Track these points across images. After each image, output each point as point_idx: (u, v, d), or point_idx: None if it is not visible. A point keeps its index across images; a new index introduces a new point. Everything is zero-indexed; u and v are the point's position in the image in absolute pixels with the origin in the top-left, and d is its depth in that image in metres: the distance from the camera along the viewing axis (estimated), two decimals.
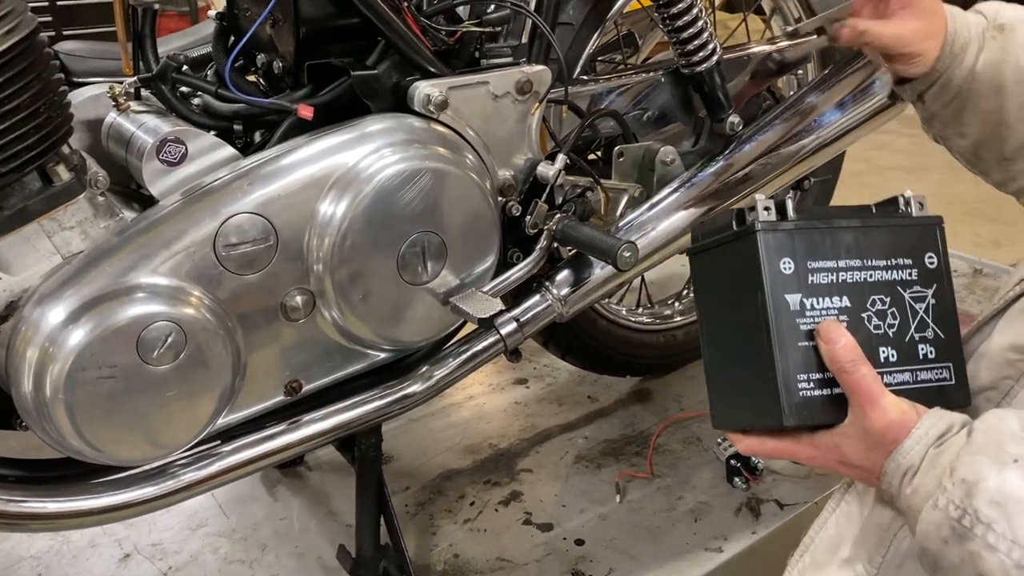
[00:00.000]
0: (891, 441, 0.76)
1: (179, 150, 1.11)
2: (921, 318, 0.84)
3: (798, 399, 0.80)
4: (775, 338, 0.79)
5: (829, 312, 0.81)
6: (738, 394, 0.87)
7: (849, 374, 0.77)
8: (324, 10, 1.21)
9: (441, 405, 2.03)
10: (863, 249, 0.83)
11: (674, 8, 1.47)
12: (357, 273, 1.18)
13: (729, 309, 0.87)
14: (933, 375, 0.84)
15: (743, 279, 0.82)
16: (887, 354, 0.82)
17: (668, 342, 1.96)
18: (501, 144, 1.31)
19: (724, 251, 0.87)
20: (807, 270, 0.81)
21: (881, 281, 0.83)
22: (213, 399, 1.11)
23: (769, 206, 0.82)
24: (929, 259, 0.85)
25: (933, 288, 0.85)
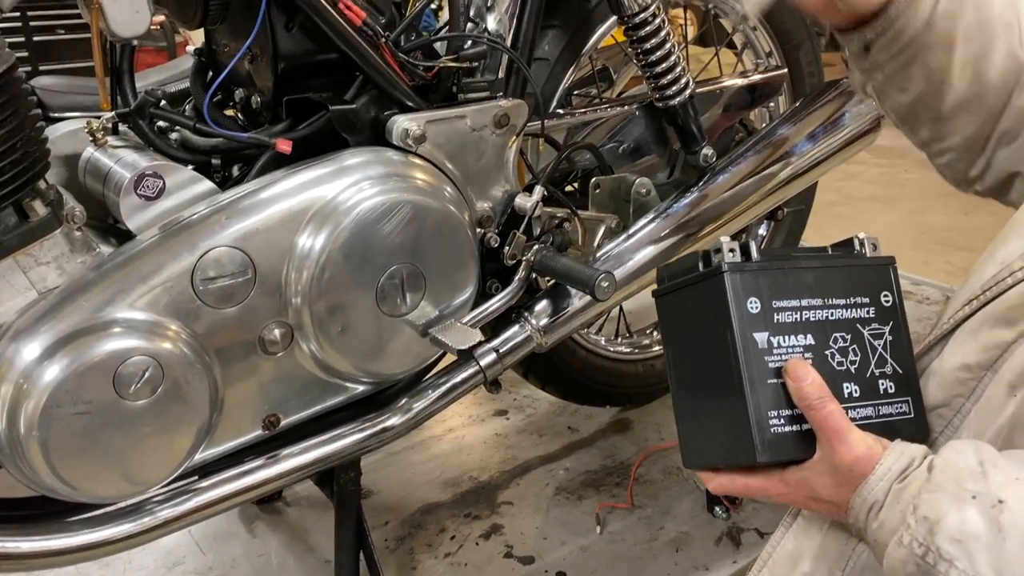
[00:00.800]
0: (858, 476, 0.78)
1: (157, 184, 1.11)
2: (880, 354, 0.87)
3: (770, 435, 0.81)
4: (746, 376, 0.81)
5: (795, 350, 0.83)
6: (709, 432, 0.88)
7: (817, 411, 0.79)
8: (303, 46, 1.22)
9: (421, 438, 2.02)
10: (824, 288, 0.86)
11: (647, 44, 1.49)
12: (336, 306, 1.18)
13: (698, 349, 0.89)
14: (894, 409, 0.86)
15: (711, 319, 0.84)
16: (850, 390, 0.84)
17: (647, 371, 1.97)
18: (479, 176, 1.33)
19: (691, 292, 0.88)
20: (772, 309, 0.83)
21: (842, 319, 0.86)
22: (190, 434, 1.10)
23: (734, 247, 0.84)
24: (885, 297, 0.88)
25: (890, 325, 0.88)
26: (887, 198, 3.84)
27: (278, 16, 1.19)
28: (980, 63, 0.91)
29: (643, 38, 1.49)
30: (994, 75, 0.91)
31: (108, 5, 1.07)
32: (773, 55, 1.84)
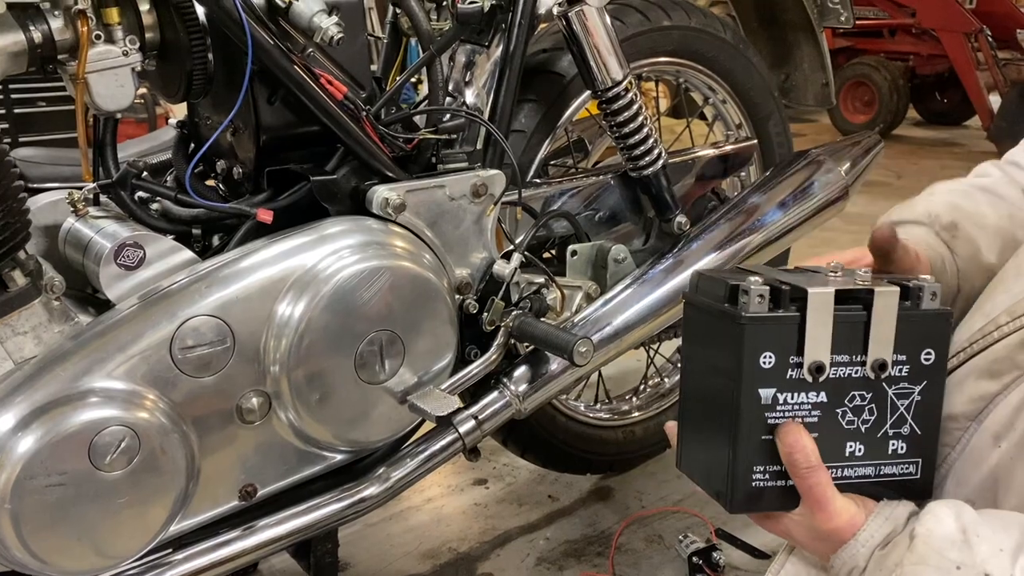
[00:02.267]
0: (838, 541, 0.78)
1: (137, 254, 1.12)
2: (901, 414, 0.82)
3: (749, 489, 0.80)
4: (740, 430, 0.79)
5: (802, 407, 0.80)
6: (700, 453, 0.88)
7: (803, 479, 0.78)
8: (285, 119, 1.25)
9: (399, 508, 1.99)
10: (854, 343, 0.79)
11: (620, 116, 1.54)
12: (314, 373, 1.18)
13: (708, 372, 0.86)
14: (898, 470, 0.83)
15: (723, 358, 0.81)
16: (853, 448, 0.82)
17: (627, 438, 1.96)
18: (458, 244, 1.35)
19: (711, 319, 0.84)
20: (788, 364, 0.78)
21: (865, 378, 0.80)
22: (166, 505, 1.09)
23: (763, 293, 0.78)
24: (926, 355, 0.82)
25: (922, 384, 0.82)
26: None
27: (261, 90, 1.22)
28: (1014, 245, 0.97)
29: (616, 111, 1.54)
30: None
31: (94, 80, 1.10)
32: (743, 126, 1.90)
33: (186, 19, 1.16)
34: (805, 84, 2.04)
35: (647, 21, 1.67)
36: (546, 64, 1.60)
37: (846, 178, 1.72)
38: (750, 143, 1.89)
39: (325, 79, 1.22)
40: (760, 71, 1.88)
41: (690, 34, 1.74)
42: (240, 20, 1.12)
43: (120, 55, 1.11)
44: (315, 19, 1.17)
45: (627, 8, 1.67)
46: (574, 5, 1.43)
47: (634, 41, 1.64)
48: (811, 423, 0.80)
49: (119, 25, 1.11)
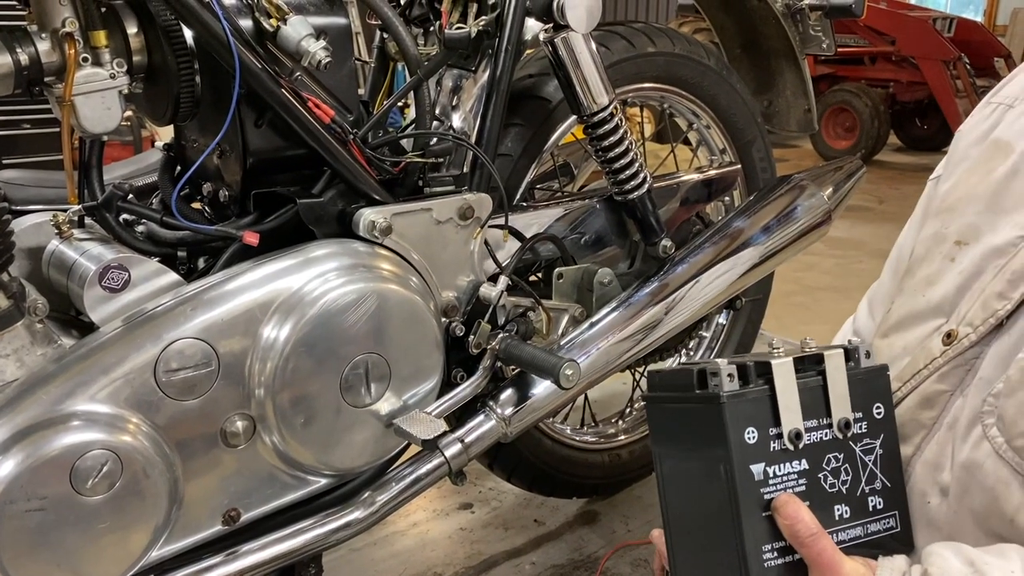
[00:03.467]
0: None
1: (122, 277, 1.11)
2: (871, 470, 0.86)
3: (762, 570, 0.80)
4: (743, 512, 0.79)
5: (789, 477, 0.81)
6: (701, 556, 0.87)
7: (809, 548, 0.79)
8: (272, 142, 1.25)
9: (383, 533, 1.97)
10: (818, 407, 0.83)
11: (606, 141, 1.55)
12: (299, 397, 1.17)
13: (691, 468, 0.86)
14: (881, 526, 0.85)
15: (706, 444, 0.82)
16: (841, 511, 0.83)
17: (613, 461, 1.96)
18: (444, 267, 1.35)
19: (685, 411, 0.86)
20: (769, 437, 0.81)
21: (836, 439, 0.84)
22: (148, 530, 1.07)
23: (733, 373, 0.81)
24: (877, 409, 0.86)
25: (881, 438, 0.86)
26: (843, 288, 3.94)
27: (248, 113, 1.22)
28: None
29: (602, 136, 1.55)
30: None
31: (80, 102, 1.09)
32: (727, 151, 1.92)
33: (174, 42, 1.16)
34: (788, 110, 2.06)
35: (632, 47, 1.69)
36: (532, 89, 1.61)
37: (829, 203, 1.74)
38: (734, 168, 1.91)
39: (312, 102, 1.22)
40: (743, 97, 1.90)
41: (674, 60, 1.76)
42: (228, 43, 1.12)
43: (107, 78, 1.11)
44: (303, 43, 1.17)
45: (612, 35, 1.69)
46: (560, 31, 1.45)
47: (619, 67, 1.66)
48: (800, 492, 0.82)
49: (106, 48, 1.11)
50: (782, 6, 1.88)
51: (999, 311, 0.82)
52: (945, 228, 0.94)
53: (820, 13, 1.89)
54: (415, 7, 1.56)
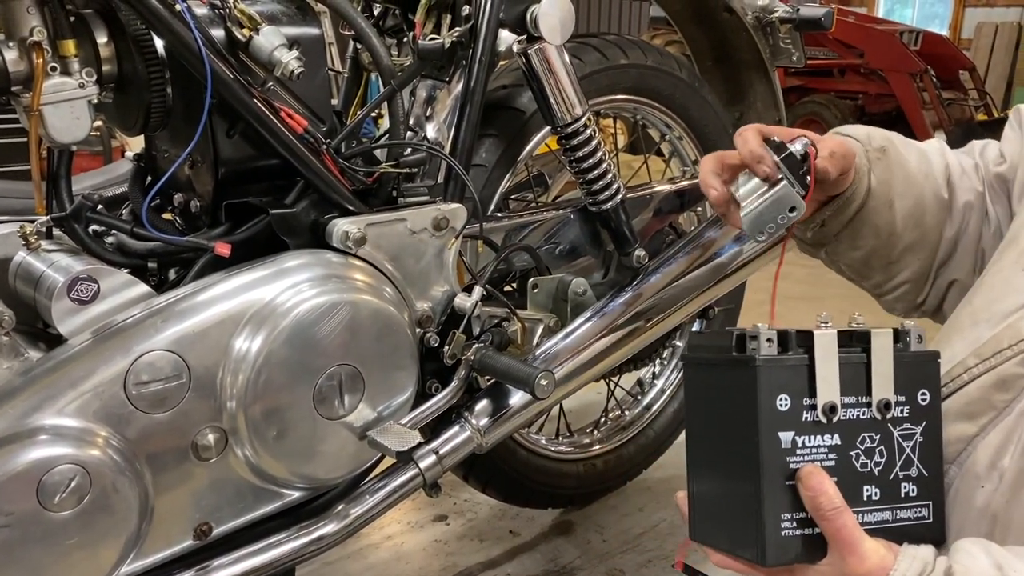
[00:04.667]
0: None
1: (91, 288, 1.10)
2: (908, 456, 0.83)
3: (780, 539, 0.78)
4: (765, 477, 0.78)
5: (819, 450, 0.80)
6: (720, 516, 0.86)
7: (830, 522, 0.78)
8: (244, 152, 1.24)
9: (357, 546, 1.96)
10: (859, 384, 0.82)
11: (579, 152, 1.56)
12: (272, 409, 1.16)
13: (720, 430, 0.85)
14: (912, 514, 0.83)
15: (737, 408, 0.81)
16: (870, 492, 0.82)
17: (588, 471, 1.96)
18: (419, 278, 1.35)
19: (720, 372, 0.85)
20: (803, 407, 0.79)
21: (873, 419, 0.82)
22: (117, 546, 1.06)
23: (772, 338, 0.79)
24: (922, 395, 0.84)
25: (923, 425, 0.84)
26: (816, 297, 3.98)
27: (220, 123, 1.21)
28: (917, 211, 1.06)
29: (575, 147, 1.56)
30: (929, 218, 1.06)
31: (48, 112, 1.08)
32: (699, 162, 1.93)
33: (144, 52, 1.15)
34: (758, 121, 2.08)
35: (605, 59, 1.70)
36: (506, 100, 1.62)
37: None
38: None
39: (285, 113, 1.22)
40: (715, 109, 1.92)
41: (647, 72, 1.77)
42: (199, 53, 1.12)
43: (76, 87, 1.10)
44: (275, 53, 1.17)
45: (585, 46, 1.70)
46: (534, 43, 1.46)
47: (593, 78, 1.67)
48: (828, 467, 0.80)
49: (75, 57, 1.10)
50: (753, 19, 1.90)
51: None
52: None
53: (790, 26, 1.92)
54: (388, 18, 1.56)
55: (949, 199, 1.08)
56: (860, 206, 1.04)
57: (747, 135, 0.95)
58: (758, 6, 1.90)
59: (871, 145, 1.06)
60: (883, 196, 1.04)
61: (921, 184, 1.07)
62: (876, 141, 1.07)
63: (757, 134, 0.95)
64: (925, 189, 1.07)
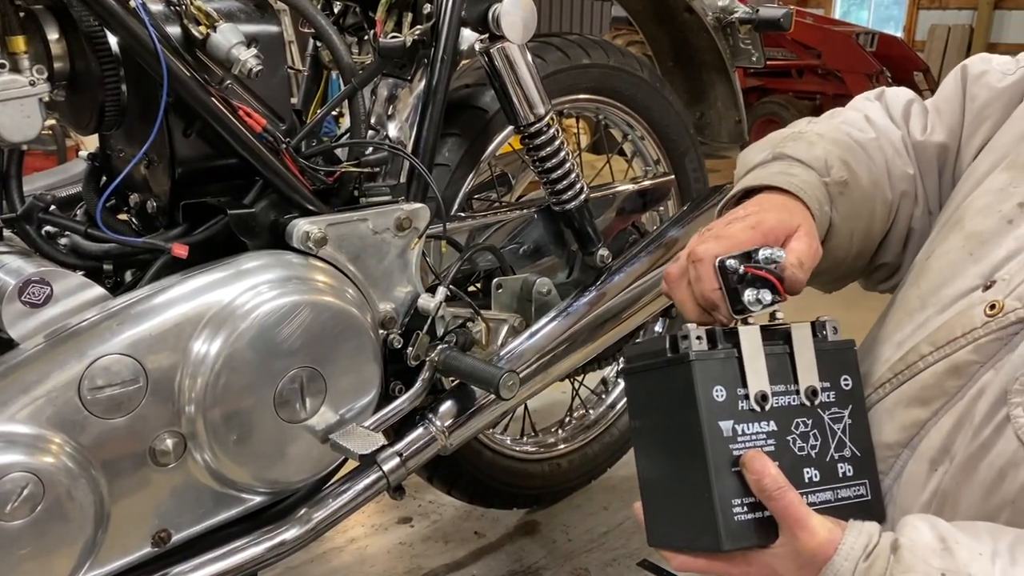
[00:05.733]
0: (821, 559, 0.79)
1: (43, 291, 1.07)
2: (840, 438, 0.88)
3: (733, 524, 0.81)
4: (711, 465, 0.81)
5: (758, 437, 0.83)
6: (674, 515, 0.88)
7: (776, 501, 0.80)
8: (201, 151, 1.22)
9: (321, 550, 1.94)
10: (786, 373, 0.86)
11: (543, 151, 1.56)
12: (232, 413, 1.14)
13: (664, 432, 0.88)
14: (852, 492, 0.87)
15: (678, 405, 0.84)
16: (811, 474, 0.85)
17: (553, 471, 1.96)
18: (381, 278, 1.33)
19: (658, 375, 0.88)
20: (737, 396, 0.84)
21: (804, 405, 0.86)
22: (72, 555, 1.03)
23: (701, 335, 0.84)
24: (845, 381, 0.89)
25: (849, 408, 0.89)
26: None
27: (176, 122, 1.19)
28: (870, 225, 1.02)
29: (538, 146, 1.55)
30: (878, 225, 1.03)
31: None
32: (661, 162, 1.95)
33: (98, 49, 1.13)
34: (719, 122, 2.10)
35: (567, 59, 1.71)
36: (469, 99, 1.61)
37: None
38: (668, 178, 1.94)
39: (243, 111, 1.20)
40: (676, 109, 1.93)
41: (609, 72, 1.78)
42: (155, 51, 1.09)
43: (26, 85, 1.07)
44: (233, 51, 1.15)
45: (548, 46, 1.70)
46: (496, 42, 1.45)
47: (555, 78, 1.67)
48: (769, 452, 0.83)
49: (25, 54, 1.08)
50: (713, 19, 1.92)
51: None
52: (1014, 187, 0.89)
53: (750, 26, 1.94)
54: (349, 15, 1.54)
55: (892, 198, 1.04)
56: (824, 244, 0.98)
57: (702, 272, 0.86)
58: (718, 7, 1.91)
59: (831, 176, 0.98)
60: (845, 231, 0.99)
61: (873, 199, 1.01)
62: (836, 172, 0.98)
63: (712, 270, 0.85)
64: (876, 202, 1.02)
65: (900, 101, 1.08)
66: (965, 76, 1.02)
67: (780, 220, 0.91)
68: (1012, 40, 10.49)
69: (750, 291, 0.84)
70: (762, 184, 0.98)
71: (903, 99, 1.08)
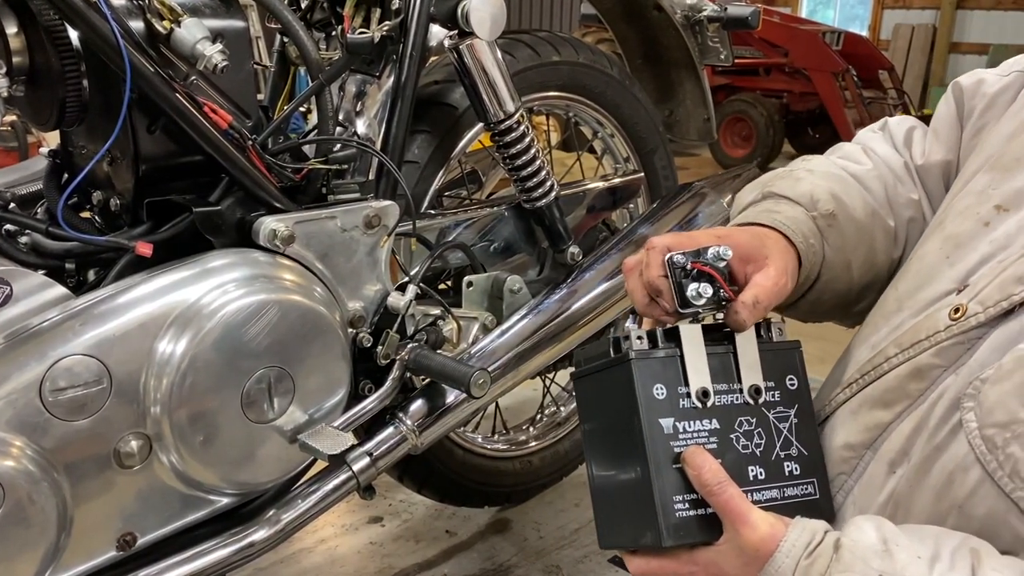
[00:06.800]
0: (764, 555, 0.79)
1: (2, 291, 1.05)
2: (786, 437, 0.88)
3: (675, 520, 0.82)
4: (651, 462, 0.82)
5: (700, 434, 0.84)
6: (620, 515, 0.88)
7: (717, 496, 0.80)
8: (166, 148, 1.20)
9: (291, 551, 1.92)
10: (729, 372, 0.87)
11: (513, 149, 1.55)
12: (198, 413, 1.13)
13: (610, 432, 0.89)
14: (799, 491, 0.87)
15: (621, 404, 0.85)
16: (755, 472, 0.85)
17: (525, 468, 1.96)
18: (350, 276, 1.32)
19: (603, 377, 0.89)
20: (678, 395, 0.84)
21: (747, 403, 0.86)
22: (34, 560, 1.01)
23: (642, 335, 0.85)
24: (790, 381, 0.89)
25: (795, 408, 0.89)
26: None
27: (140, 118, 1.17)
28: (871, 256, 1.02)
29: (509, 143, 1.55)
30: (881, 256, 1.03)
31: None
32: (630, 160, 1.95)
33: (58, 43, 1.10)
34: (688, 119, 2.11)
35: (537, 56, 1.70)
36: (438, 96, 1.60)
37: (728, 209, 1.78)
38: (637, 176, 1.94)
39: (208, 108, 1.18)
40: (646, 107, 1.94)
41: (579, 70, 1.78)
42: (117, 46, 1.07)
43: None
44: (198, 46, 1.13)
45: (517, 43, 1.70)
46: (465, 38, 1.44)
47: (524, 75, 1.66)
48: (712, 450, 0.84)
49: None
50: (682, 17, 1.92)
51: (1014, 296, 0.79)
52: (993, 188, 0.88)
53: (718, 24, 1.95)
54: (316, 11, 1.53)
55: (895, 224, 1.03)
56: (815, 279, 0.99)
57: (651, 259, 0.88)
58: (687, 4, 1.92)
59: (817, 210, 0.98)
60: (840, 263, 1.00)
61: (871, 228, 1.01)
62: (823, 204, 0.99)
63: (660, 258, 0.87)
64: (875, 230, 1.01)
65: (902, 129, 1.10)
66: (960, 92, 1.03)
67: (750, 243, 0.91)
68: (974, 39, 10.68)
69: (693, 285, 0.86)
70: (748, 222, 0.99)
71: (905, 126, 1.10)
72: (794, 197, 1.00)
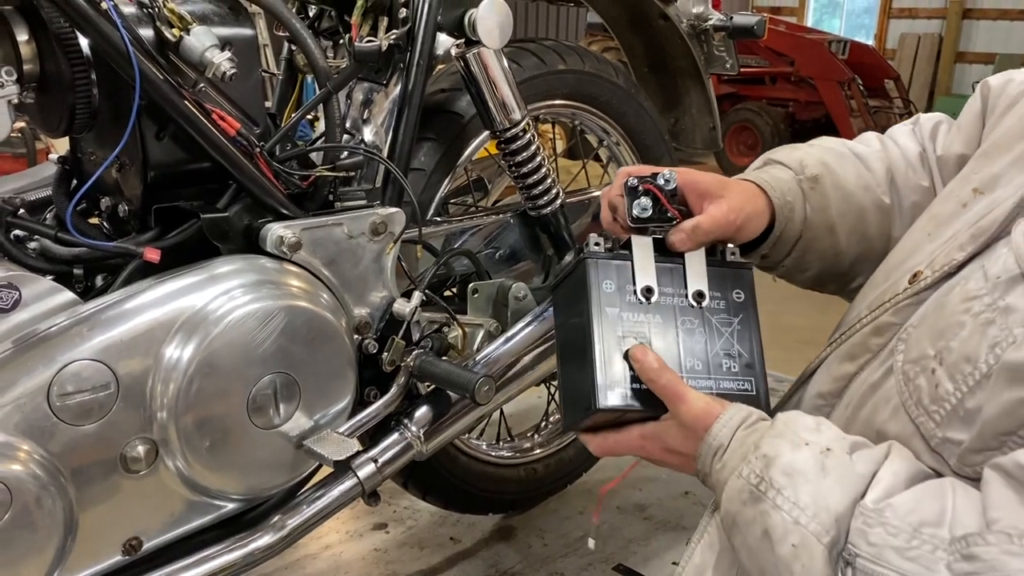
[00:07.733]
0: (702, 428, 0.89)
1: (12, 296, 1.06)
2: (726, 339, 0.96)
3: (617, 389, 0.91)
4: (597, 340, 0.91)
5: (643, 324, 0.94)
6: (576, 394, 0.96)
7: (656, 381, 0.90)
8: (174, 155, 1.21)
9: (295, 557, 1.92)
10: (678, 282, 0.96)
11: (519, 156, 1.56)
12: (204, 419, 1.13)
13: (570, 326, 0.98)
14: (735, 385, 0.95)
15: (577, 298, 0.96)
16: (692, 363, 0.94)
17: (529, 475, 1.96)
18: (356, 283, 1.33)
19: (567, 279, 1.00)
20: (626, 291, 0.94)
21: (690, 306, 0.96)
22: (41, 564, 1.02)
23: (599, 241, 0.96)
24: (737, 294, 0.98)
25: (739, 317, 0.97)
26: None
27: (149, 125, 1.18)
28: (860, 226, 1.09)
29: (514, 151, 1.56)
30: (873, 228, 1.10)
31: None
32: None
33: (68, 51, 1.11)
34: (693, 128, 2.11)
35: (543, 64, 1.71)
36: (445, 104, 1.61)
37: None
38: None
39: (217, 115, 1.19)
40: (651, 115, 1.94)
41: (584, 78, 1.79)
42: (127, 53, 1.08)
43: None
44: (207, 54, 1.14)
45: (524, 51, 1.71)
46: (472, 47, 1.45)
47: (531, 83, 1.67)
48: (654, 341, 0.94)
49: None
50: (687, 26, 1.93)
51: (955, 259, 0.87)
52: (975, 173, 0.96)
53: (724, 34, 1.95)
54: (324, 19, 1.54)
55: (892, 203, 1.10)
56: (797, 237, 1.07)
57: (615, 182, 1.01)
58: (693, 14, 1.93)
59: (804, 173, 1.07)
60: (821, 223, 1.07)
61: (861, 199, 1.08)
62: (809, 168, 1.07)
63: (621, 180, 0.99)
64: (865, 202, 1.09)
65: (931, 122, 1.16)
66: (987, 90, 1.07)
67: (711, 182, 1.00)
68: (980, 48, 10.68)
69: (638, 201, 0.96)
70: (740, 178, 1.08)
71: (934, 120, 1.17)
72: (786, 162, 1.09)
